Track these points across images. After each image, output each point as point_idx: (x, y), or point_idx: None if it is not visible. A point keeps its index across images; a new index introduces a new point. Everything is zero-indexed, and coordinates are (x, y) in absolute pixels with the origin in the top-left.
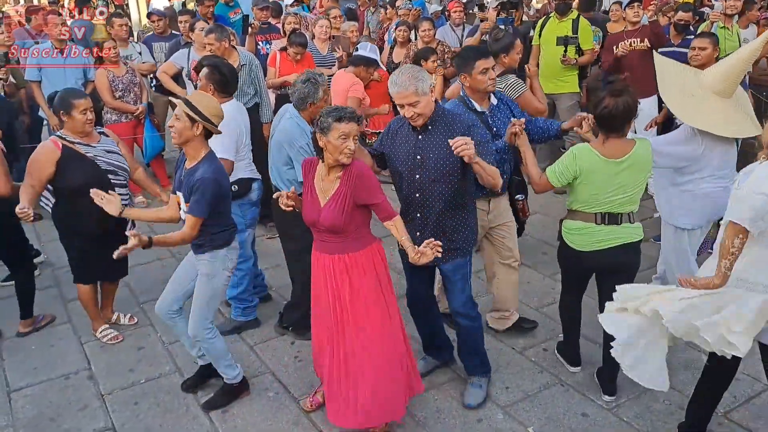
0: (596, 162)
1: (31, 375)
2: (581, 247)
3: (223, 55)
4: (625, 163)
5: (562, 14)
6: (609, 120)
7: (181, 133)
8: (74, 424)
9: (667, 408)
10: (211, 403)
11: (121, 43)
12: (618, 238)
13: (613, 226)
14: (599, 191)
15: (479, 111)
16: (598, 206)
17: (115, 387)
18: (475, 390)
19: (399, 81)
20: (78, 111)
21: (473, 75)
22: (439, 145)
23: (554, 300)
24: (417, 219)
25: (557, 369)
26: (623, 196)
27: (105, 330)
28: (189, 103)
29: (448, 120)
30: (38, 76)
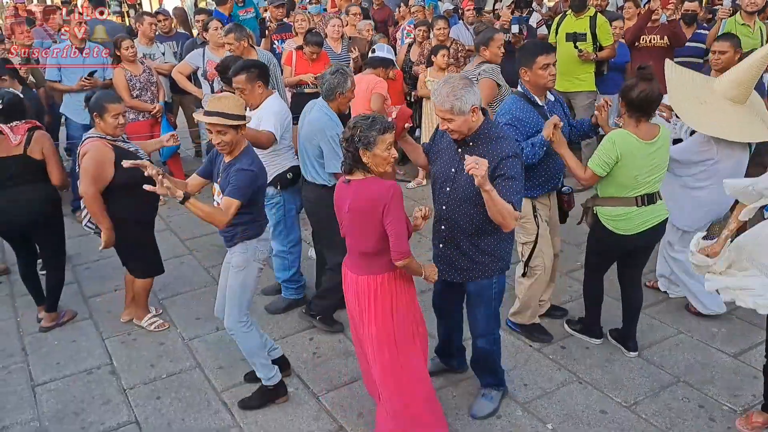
0: (634, 145)
1: (54, 370)
2: (627, 232)
3: (242, 55)
4: (657, 144)
5: (578, 11)
6: (646, 104)
7: (232, 142)
8: (98, 417)
9: (686, 405)
10: (245, 402)
11: (147, 41)
12: (657, 216)
13: (652, 206)
14: (639, 172)
15: (539, 105)
16: (638, 188)
17: (137, 382)
18: (485, 402)
19: (438, 93)
20: (110, 115)
21: (534, 69)
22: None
23: (570, 298)
24: (441, 231)
25: (575, 366)
26: (657, 175)
27: (151, 318)
28: (225, 115)
29: (493, 141)
30: (58, 76)
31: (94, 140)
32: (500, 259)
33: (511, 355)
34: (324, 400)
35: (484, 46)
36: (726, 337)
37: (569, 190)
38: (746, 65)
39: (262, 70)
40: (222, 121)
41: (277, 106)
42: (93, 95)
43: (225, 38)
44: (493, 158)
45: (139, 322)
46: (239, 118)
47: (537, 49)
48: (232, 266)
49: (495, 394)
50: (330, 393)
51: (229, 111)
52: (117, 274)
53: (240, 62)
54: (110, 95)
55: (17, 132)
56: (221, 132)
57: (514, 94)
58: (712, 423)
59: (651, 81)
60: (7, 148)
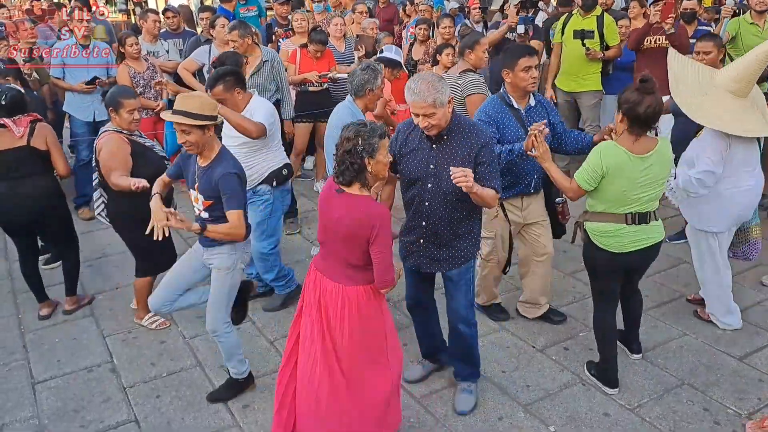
0: (623, 158)
1: (54, 367)
2: (615, 249)
3: (245, 52)
4: (651, 159)
5: (587, 10)
6: (653, 118)
7: (198, 143)
8: (97, 415)
9: (690, 408)
10: (215, 395)
11: (151, 39)
12: (649, 237)
13: (643, 226)
14: (628, 188)
15: (516, 108)
16: (627, 205)
17: (137, 380)
18: (467, 396)
19: (417, 89)
20: (126, 110)
21: (515, 71)
22: (455, 157)
23: (574, 298)
24: (422, 227)
25: (578, 368)
26: (650, 193)
27: (151, 317)
28: (190, 114)
29: (466, 131)
30: (61, 73)
31: (110, 134)
32: (476, 240)
33: (513, 356)
34: None
35: (469, 49)
36: (731, 339)
37: (562, 200)
38: (748, 61)
39: (236, 76)
40: (185, 120)
41: (263, 104)
42: (109, 90)
43: (229, 35)
44: (471, 147)
45: (140, 321)
46: (205, 119)
47: (519, 51)
48: (218, 269)
49: (474, 386)
50: None
51: (194, 111)
52: (118, 272)
53: (213, 73)
54: (126, 90)
55: (20, 124)
56: (185, 131)
57: (494, 95)
58: (717, 426)
59: (654, 94)
60: (11, 141)
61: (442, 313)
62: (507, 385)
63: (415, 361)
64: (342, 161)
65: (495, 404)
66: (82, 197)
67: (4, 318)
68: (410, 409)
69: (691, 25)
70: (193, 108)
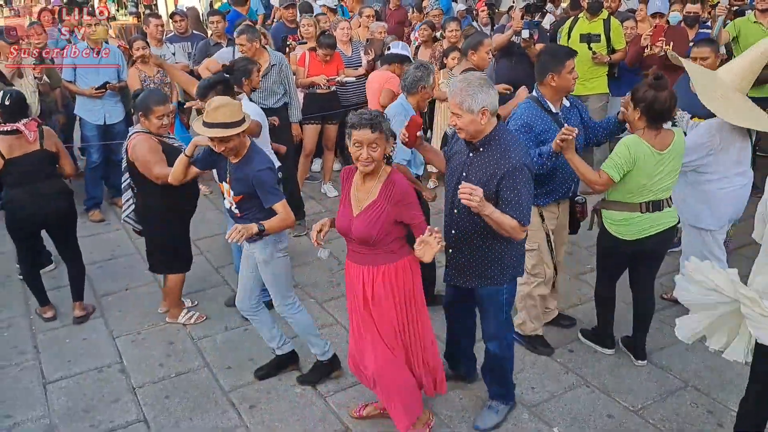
0: (647, 152)
1: (65, 368)
2: (627, 236)
3: (254, 56)
4: (669, 154)
5: (593, 14)
6: (667, 113)
7: (236, 147)
8: (107, 416)
9: (694, 411)
10: (304, 378)
11: (156, 43)
12: (661, 224)
13: (657, 213)
14: (648, 180)
15: (554, 112)
16: (644, 195)
17: (146, 381)
18: (491, 414)
19: (453, 86)
20: (155, 116)
21: (562, 74)
22: (484, 169)
23: (580, 300)
24: (452, 235)
25: (583, 370)
26: (665, 183)
27: (186, 313)
28: (227, 125)
29: (503, 147)
30: (73, 76)
31: (140, 135)
32: (509, 267)
33: (518, 358)
34: (331, 401)
35: (472, 50)
36: None
37: (583, 199)
38: (752, 57)
39: (225, 84)
40: (225, 132)
41: (250, 106)
42: (140, 93)
43: (237, 39)
44: (498, 167)
45: (174, 320)
46: (240, 124)
47: (564, 53)
48: (259, 262)
49: (502, 407)
50: (337, 394)
51: (229, 120)
52: (128, 273)
53: (202, 83)
54: (158, 95)
55: (30, 128)
56: (224, 140)
57: (529, 99)
58: (721, 429)
59: (668, 89)
60: (26, 146)
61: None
62: None
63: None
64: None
65: None
66: (92, 199)
67: (16, 319)
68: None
69: (693, 29)
70: (228, 117)
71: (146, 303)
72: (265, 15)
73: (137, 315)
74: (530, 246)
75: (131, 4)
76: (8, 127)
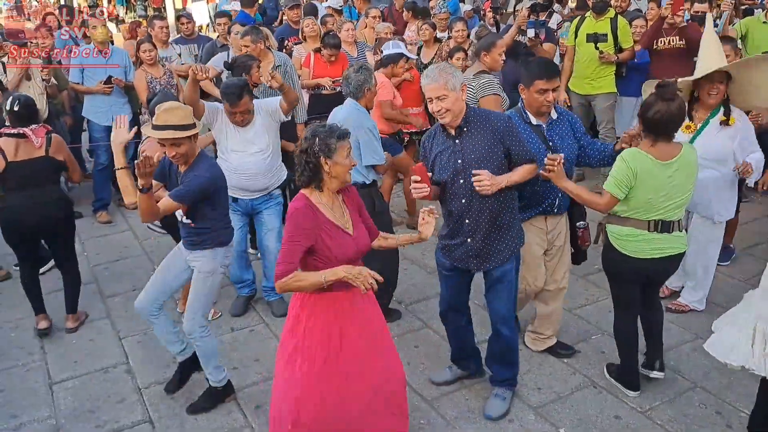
0: (648, 164)
1: (71, 368)
2: (635, 254)
3: (258, 57)
4: (674, 166)
5: (599, 13)
6: (663, 125)
7: (187, 153)
8: (113, 416)
9: (703, 412)
10: (194, 407)
11: (161, 45)
12: (671, 247)
13: (666, 234)
14: (654, 195)
15: (534, 124)
16: (652, 212)
17: (152, 381)
18: (498, 402)
19: (430, 74)
20: None
21: (530, 91)
22: (479, 146)
23: (587, 301)
24: (466, 225)
25: (589, 371)
26: (675, 201)
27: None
28: (179, 127)
29: (483, 119)
30: (80, 78)
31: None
32: (518, 233)
33: (525, 359)
34: None
35: (485, 51)
36: None
37: (585, 224)
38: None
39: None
40: (175, 134)
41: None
42: (155, 96)
43: (241, 41)
44: (494, 132)
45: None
46: (192, 128)
47: (539, 71)
48: (200, 272)
49: (508, 394)
50: None
51: (180, 122)
52: (135, 274)
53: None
54: (170, 98)
55: (38, 135)
56: (175, 144)
57: (512, 111)
58: (729, 430)
59: (671, 101)
60: (31, 151)
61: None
62: (518, 388)
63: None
64: (304, 162)
65: None
66: (100, 201)
67: (23, 320)
68: (420, 411)
69: (701, 28)
70: (179, 119)
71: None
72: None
73: None
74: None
75: (140, 6)
76: (14, 131)
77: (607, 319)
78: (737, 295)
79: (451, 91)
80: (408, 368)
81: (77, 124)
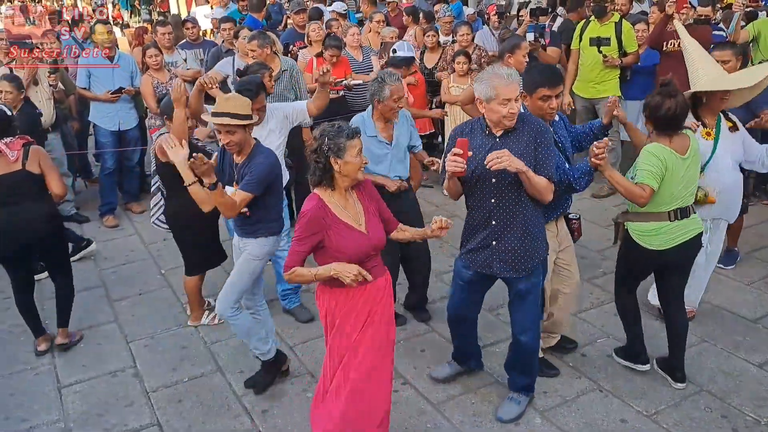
0: (673, 159)
1: (80, 372)
2: (659, 247)
3: (265, 61)
4: (690, 158)
5: (599, 17)
6: (676, 119)
7: (241, 142)
8: (121, 419)
9: (708, 416)
10: (254, 382)
11: (166, 50)
12: (691, 230)
13: (685, 220)
14: (677, 188)
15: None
16: (672, 203)
17: (160, 385)
18: (513, 405)
19: (511, 73)
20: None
21: (533, 98)
22: (521, 146)
23: (591, 304)
24: (492, 226)
25: (595, 375)
26: (690, 188)
27: (210, 315)
28: (234, 115)
29: (523, 122)
30: (87, 83)
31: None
32: (544, 242)
33: None
34: None
35: (509, 53)
36: (751, 346)
37: (577, 216)
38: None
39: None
40: (231, 121)
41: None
42: (165, 98)
43: (248, 45)
44: (530, 133)
45: (197, 323)
46: (247, 118)
47: (542, 78)
48: (249, 254)
49: (524, 399)
50: None
51: (237, 111)
52: (142, 278)
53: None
54: None
55: (13, 148)
56: (230, 132)
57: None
58: None
59: (676, 96)
60: (6, 165)
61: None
62: None
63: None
64: (314, 161)
65: None
66: (106, 205)
67: None
68: (427, 415)
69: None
70: (235, 109)
71: (160, 308)
72: (277, 21)
73: (151, 319)
74: None
75: (144, 11)
76: None
77: (612, 323)
78: (741, 299)
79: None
80: (415, 372)
81: (84, 129)
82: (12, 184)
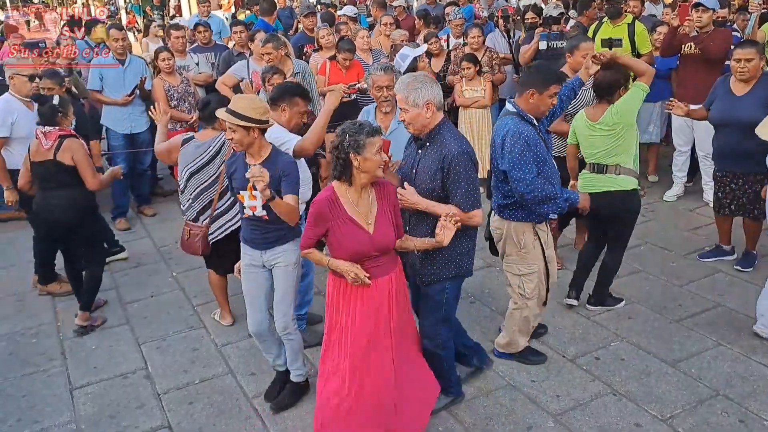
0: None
1: (91, 374)
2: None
3: (278, 64)
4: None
5: (613, 19)
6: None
7: (241, 142)
8: (132, 421)
9: (725, 420)
10: (279, 404)
11: (179, 54)
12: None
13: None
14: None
15: (536, 125)
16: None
17: (171, 387)
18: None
19: (400, 80)
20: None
21: (543, 95)
22: (430, 164)
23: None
24: (407, 232)
25: (609, 378)
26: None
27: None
28: (235, 114)
29: (442, 139)
30: (99, 86)
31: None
32: (451, 262)
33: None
34: None
35: (569, 53)
36: (767, 349)
37: (555, 216)
38: None
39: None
40: (229, 118)
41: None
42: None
43: (263, 48)
44: (438, 158)
45: (229, 322)
46: (248, 120)
47: (552, 76)
48: (286, 265)
49: (442, 397)
50: None
51: (241, 111)
52: (154, 280)
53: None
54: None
55: (49, 137)
56: (231, 129)
57: (511, 116)
58: None
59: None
60: (41, 153)
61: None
62: (536, 395)
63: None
64: (335, 157)
65: (524, 413)
66: (118, 208)
67: (44, 326)
68: (438, 417)
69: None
70: (241, 109)
71: (171, 310)
72: (288, 25)
73: (162, 322)
74: (530, 269)
75: (157, 15)
76: (37, 131)
77: (625, 326)
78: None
79: (412, 106)
80: None
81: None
82: (44, 171)
